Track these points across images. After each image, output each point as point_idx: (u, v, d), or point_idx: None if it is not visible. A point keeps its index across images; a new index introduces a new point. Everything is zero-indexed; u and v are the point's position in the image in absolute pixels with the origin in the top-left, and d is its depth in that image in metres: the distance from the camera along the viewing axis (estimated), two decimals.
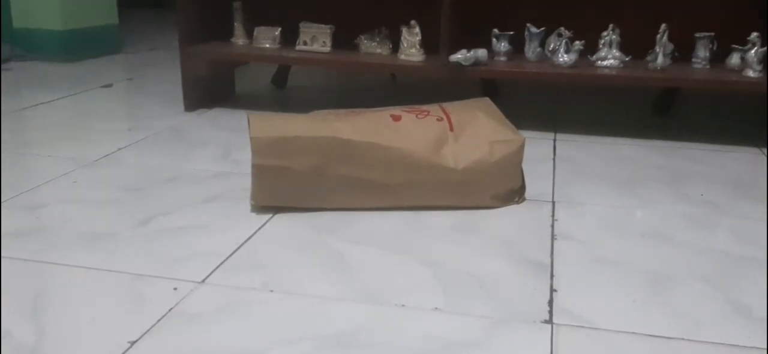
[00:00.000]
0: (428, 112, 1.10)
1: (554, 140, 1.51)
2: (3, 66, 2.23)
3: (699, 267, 0.90)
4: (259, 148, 0.99)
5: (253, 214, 1.03)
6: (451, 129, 1.07)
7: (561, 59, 1.53)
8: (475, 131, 1.07)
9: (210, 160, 1.30)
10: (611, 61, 1.53)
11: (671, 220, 1.06)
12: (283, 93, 1.98)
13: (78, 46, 2.42)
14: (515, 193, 1.11)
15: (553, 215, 1.06)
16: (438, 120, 1.08)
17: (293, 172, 1.01)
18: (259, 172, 1.01)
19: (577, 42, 1.51)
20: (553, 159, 1.36)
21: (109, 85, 1.99)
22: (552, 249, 0.94)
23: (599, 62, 1.54)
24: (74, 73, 2.20)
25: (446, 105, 1.16)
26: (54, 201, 1.08)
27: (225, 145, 1.40)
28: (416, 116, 1.08)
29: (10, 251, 0.90)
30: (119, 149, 1.36)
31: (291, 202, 1.04)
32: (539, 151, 1.41)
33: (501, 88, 1.83)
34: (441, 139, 1.05)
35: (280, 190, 1.03)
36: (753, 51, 1.45)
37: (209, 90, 1.75)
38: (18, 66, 2.29)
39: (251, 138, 0.99)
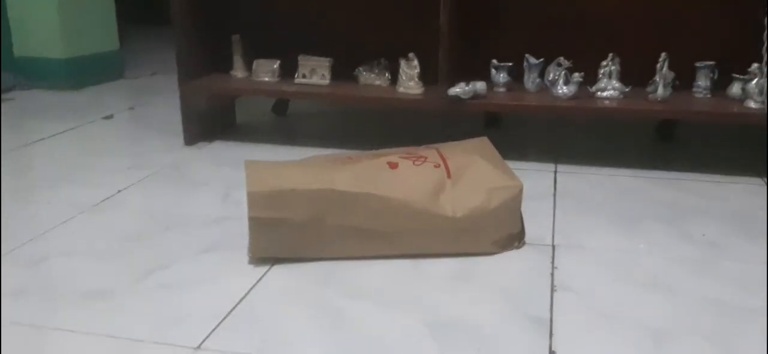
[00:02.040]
0: (425, 157, 1.09)
1: (555, 172, 1.50)
2: (4, 96, 2.24)
3: (700, 322, 0.89)
4: (255, 201, 0.99)
5: (251, 267, 1.03)
6: (449, 175, 1.07)
7: (560, 91, 1.52)
8: (472, 177, 1.07)
9: (209, 203, 1.30)
10: (611, 91, 1.52)
11: (673, 266, 1.05)
12: (284, 121, 1.98)
13: (80, 74, 2.43)
14: (515, 238, 1.10)
15: (552, 262, 1.06)
16: (435, 166, 1.07)
17: (290, 224, 1.01)
18: (255, 225, 1.01)
19: (577, 74, 1.51)
20: (554, 194, 1.36)
21: (110, 117, 2.00)
22: (551, 302, 0.94)
23: (599, 93, 1.53)
24: (76, 102, 2.21)
25: (443, 147, 1.15)
26: (54, 253, 1.08)
27: (225, 184, 1.40)
28: (413, 163, 1.08)
29: (10, 314, 0.90)
30: (119, 191, 1.36)
31: (288, 254, 1.04)
32: (540, 186, 1.40)
33: (502, 118, 1.83)
34: (439, 186, 1.05)
35: (277, 241, 1.03)
36: (754, 82, 1.44)
37: (209, 122, 1.75)
38: (21, 95, 2.30)
39: (247, 192, 0.99)
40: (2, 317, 0.89)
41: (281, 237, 1.02)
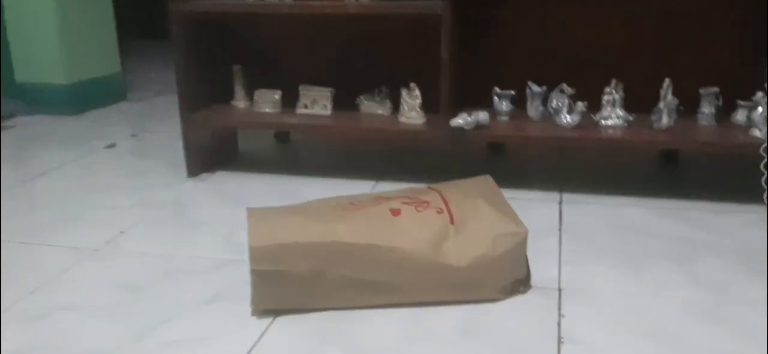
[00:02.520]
0: (428, 202, 1.08)
1: (560, 203, 1.48)
2: (5, 123, 2.24)
3: None
4: (257, 256, 0.98)
5: (253, 320, 1.02)
6: (452, 222, 1.05)
7: (564, 120, 1.51)
8: (476, 224, 1.06)
9: (211, 245, 1.29)
10: (615, 120, 1.51)
11: (680, 314, 1.03)
12: (286, 149, 1.97)
13: (82, 99, 2.43)
14: (520, 283, 1.09)
15: (559, 310, 1.05)
16: (438, 212, 1.06)
17: (292, 276, 1.00)
18: (257, 277, 1.00)
19: (580, 103, 1.49)
20: (559, 230, 1.34)
21: (113, 146, 1.99)
22: None
23: (603, 122, 1.52)
24: (78, 129, 2.20)
25: (446, 189, 1.14)
26: (54, 307, 1.07)
27: (227, 223, 1.39)
28: (415, 209, 1.06)
29: None
30: (121, 233, 1.35)
31: (291, 305, 1.03)
32: (545, 219, 1.39)
33: (506, 145, 1.82)
34: (442, 234, 1.04)
35: (280, 294, 1.02)
36: (758, 110, 1.42)
37: (212, 153, 1.75)
38: (22, 122, 2.30)
39: (249, 247, 0.98)
40: None
41: (284, 289, 1.02)
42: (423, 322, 1.02)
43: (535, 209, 1.44)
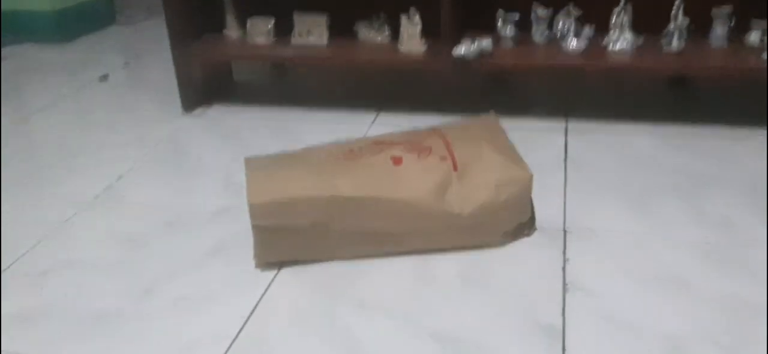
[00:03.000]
0: (430, 149, 1.05)
1: (566, 132, 1.45)
2: None
3: (715, 325, 0.87)
4: (257, 212, 0.96)
5: (258, 272, 1.01)
6: (455, 168, 1.02)
7: (570, 46, 1.45)
8: (480, 170, 1.03)
9: (211, 191, 1.27)
10: (623, 44, 1.45)
11: (687, 255, 1.02)
12: (284, 79, 1.92)
13: (70, 25, 2.34)
14: (525, 226, 1.07)
15: (564, 254, 1.03)
16: (441, 159, 1.03)
17: (294, 230, 0.99)
18: (259, 232, 0.99)
19: (587, 27, 1.43)
20: (565, 164, 1.31)
21: (106, 78, 1.93)
22: (563, 306, 0.92)
23: (611, 46, 1.46)
24: (69, 59, 2.14)
25: (449, 131, 1.10)
26: (56, 264, 1.06)
27: (225, 165, 1.36)
28: (418, 157, 1.03)
29: (15, 345, 0.89)
30: (119, 177, 1.33)
31: (294, 257, 1.02)
32: (550, 152, 1.36)
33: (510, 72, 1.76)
34: (445, 182, 1.01)
35: (282, 247, 1.01)
36: None
37: (206, 85, 1.70)
38: (10, 52, 2.23)
39: (249, 204, 0.96)
40: (7, 347, 0.88)
41: (286, 242, 1.00)
42: (426, 271, 1.01)
43: (540, 140, 1.41)
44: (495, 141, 1.09)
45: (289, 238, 1.00)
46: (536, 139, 1.42)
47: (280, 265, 1.02)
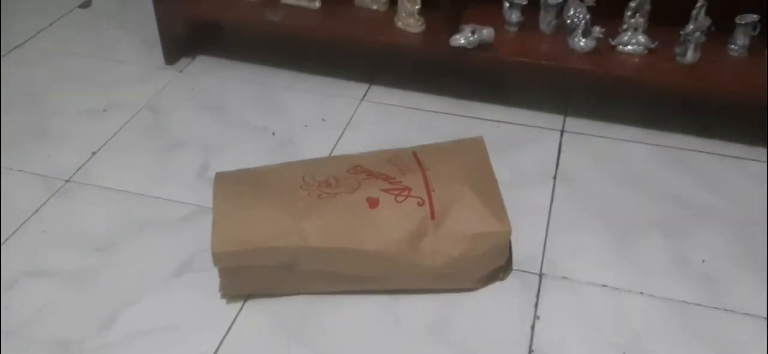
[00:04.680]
0: (409, 189, 1.00)
1: (562, 133, 1.38)
2: None
3: None
4: (219, 260, 0.94)
5: (223, 304, 1.00)
6: (433, 216, 0.98)
7: (578, 44, 1.35)
8: (458, 218, 0.98)
9: (187, 180, 1.23)
10: (634, 46, 1.35)
11: (662, 319, 1.00)
12: (274, 35, 1.79)
13: None
14: (500, 270, 1.05)
15: (536, 307, 1.01)
16: (419, 204, 0.99)
17: (259, 269, 0.96)
18: (222, 273, 0.97)
19: (597, 28, 1.33)
20: (554, 176, 1.26)
21: (88, 5, 1.83)
22: None
23: (621, 47, 1.36)
24: None
25: (431, 164, 1.04)
26: (23, 273, 1.05)
27: (204, 144, 1.32)
28: (395, 199, 0.99)
29: None
30: (93, 154, 1.29)
31: (260, 291, 1.00)
32: (541, 160, 1.30)
33: None
34: (420, 231, 0.97)
35: (248, 284, 0.99)
36: None
37: (192, 36, 1.60)
38: None
39: (212, 253, 0.93)
40: None
41: (252, 280, 0.98)
42: (393, 314, 0.99)
43: (533, 142, 1.35)
44: (479, 181, 1.04)
45: (255, 276, 0.97)
46: (530, 140, 1.36)
47: (247, 297, 1.01)
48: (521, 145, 1.35)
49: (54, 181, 1.22)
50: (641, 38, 1.34)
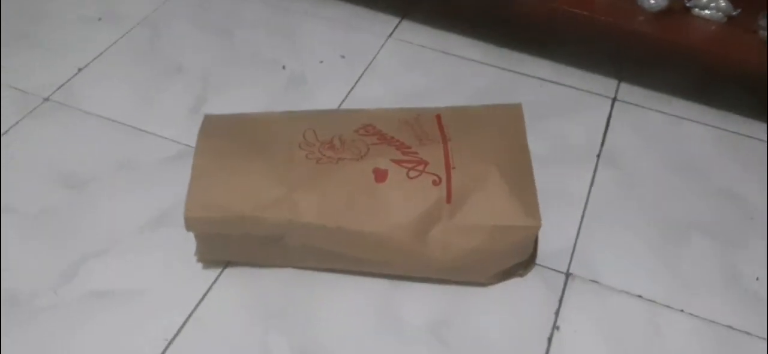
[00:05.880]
0: (426, 163, 0.84)
1: (613, 100, 1.19)
2: None
3: None
4: (194, 226, 0.80)
5: (198, 269, 0.87)
6: (449, 199, 0.82)
7: (647, 2, 1.14)
8: (478, 205, 0.82)
9: (177, 114, 1.09)
10: (712, 11, 1.14)
11: (702, 341, 0.84)
12: None
13: None
14: (520, 266, 0.90)
15: (557, 313, 0.87)
16: (434, 183, 0.83)
17: (241, 239, 0.83)
18: (198, 239, 0.83)
19: None
20: (598, 157, 1.09)
21: None
22: None
23: (696, 10, 1.15)
24: None
25: (455, 131, 0.88)
26: None
27: (201, 73, 1.17)
28: (408, 174, 0.83)
29: None
30: (79, 70, 1.15)
31: (241, 259, 0.87)
32: (588, 132, 1.12)
33: None
34: (432, 215, 0.82)
35: (228, 252, 0.86)
36: None
37: None
38: None
39: (185, 217, 0.79)
40: None
41: (232, 248, 0.85)
42: (392, 309, 0.86)
43: (579, 109, 1.17)
44: (509, 160, 0.87)
45: (236, 245, 0.84)
46: (575, 106, 1.18)
47: (226, 263, 0.88)
48: (565, 111, 1.17)
49: (31, 99, 1.09)
50: (722, 3, 1.13)
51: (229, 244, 0.84)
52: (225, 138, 0.87)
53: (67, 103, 1.09)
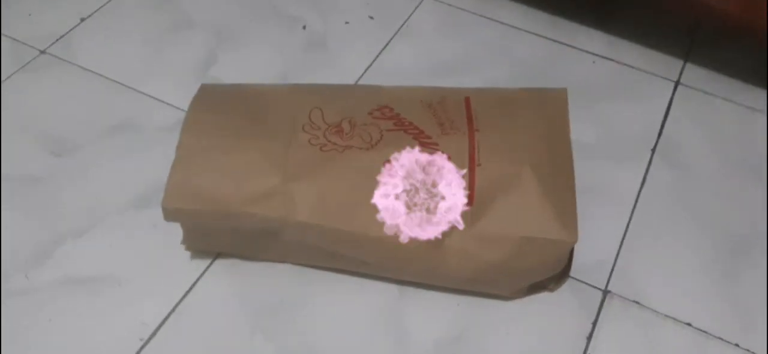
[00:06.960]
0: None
1: (677, 83, 1.04)
2: None
3: None
4: (170, 216, 0.70)
5: (186, 259, 0.78)
6: (470, 201, 0.71)
7: None
8: (504, 211, 0.70)
9: (183, 75, 0.99)
10: None
11: None
12: None
13: None
14: (550, 279, 0.78)
15: (590, 338, 0.75)
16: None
17: (229, 233, 0.73)
18: (184, 227, 0.74)
19: None
20: (652, 152, 0.95)
21: None
22: None
23: None
24: None
25: (485, 120, 0.76)
26: None
27: (217, 29, 1.06)
28: None
29: None
30: (81, 20, 1.05)
31: (230, 251, 0.78)
32: (644, 119, 0.98)
33: None
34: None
35: (216, 244, 0.77)
36: None
37: None
38: None
39: (163, 207, 0.69)
40: None
41: (220, 241, 0.76)
42: (396, 321, 0.75)
43: (635, 93, 1.02)
44: (546, 159, 0.73)
45: (225, 237, 0.75)
46: (631, 89, 1.03)
47: (216, 253, 0.79)
48: (618, 93, 1.02)
49: (26, 51, 1.00)
50: None
51: (217, 235, 0.75)
52: (219, 112, 0.76)
53: (65, 57, 1.00)
